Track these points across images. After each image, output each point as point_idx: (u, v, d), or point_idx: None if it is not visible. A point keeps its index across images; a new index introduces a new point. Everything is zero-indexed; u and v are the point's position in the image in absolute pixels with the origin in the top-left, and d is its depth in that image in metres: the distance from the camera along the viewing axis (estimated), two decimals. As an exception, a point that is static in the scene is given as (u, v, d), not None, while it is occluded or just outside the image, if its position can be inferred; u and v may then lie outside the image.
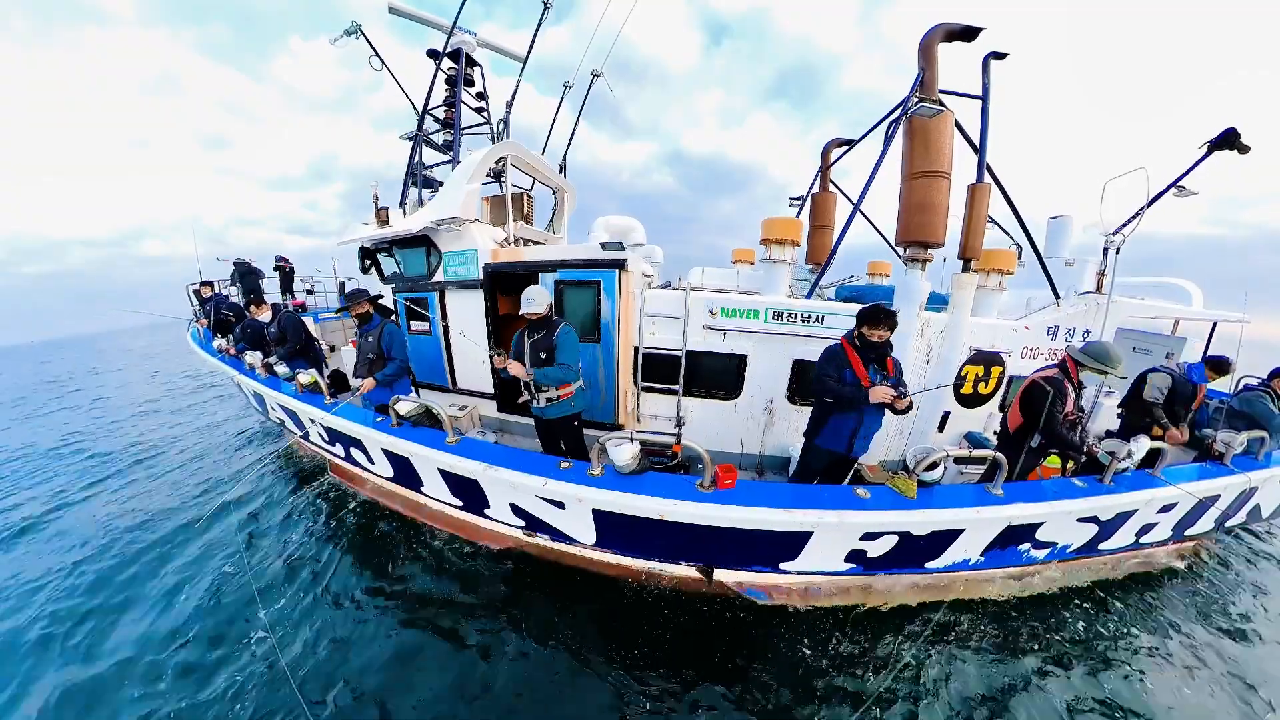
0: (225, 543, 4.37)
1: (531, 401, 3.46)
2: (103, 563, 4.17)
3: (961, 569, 3.14)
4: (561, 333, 3.33)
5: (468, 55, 5.90)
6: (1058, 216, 5.82)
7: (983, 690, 2.88)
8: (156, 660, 3.09)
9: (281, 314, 5.25)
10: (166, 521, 4.83)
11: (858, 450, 3.03)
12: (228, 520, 4.71)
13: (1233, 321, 4.87)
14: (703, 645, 3.11)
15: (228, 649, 3.14)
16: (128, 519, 4.96)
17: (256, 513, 4.94)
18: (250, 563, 4.00)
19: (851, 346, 2.91)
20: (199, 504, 5.25)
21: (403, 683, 2.87)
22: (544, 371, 3.28)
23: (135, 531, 4.68)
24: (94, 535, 4.66)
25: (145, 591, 3.76)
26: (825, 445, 3.08)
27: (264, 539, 4.46)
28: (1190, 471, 3.21)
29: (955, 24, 3.57)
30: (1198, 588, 3.94)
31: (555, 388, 3.37)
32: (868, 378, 2.84)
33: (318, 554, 4.15)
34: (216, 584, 3.77)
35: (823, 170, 6.09)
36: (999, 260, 4.80)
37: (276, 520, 4.76)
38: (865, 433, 3.00)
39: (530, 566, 3.78)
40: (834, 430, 3.01)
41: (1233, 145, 4.11)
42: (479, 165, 4.51)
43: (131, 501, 5.45)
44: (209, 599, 3.60)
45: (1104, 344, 2.96)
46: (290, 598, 3.59)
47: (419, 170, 5.59)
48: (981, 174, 3.74)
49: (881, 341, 2.82)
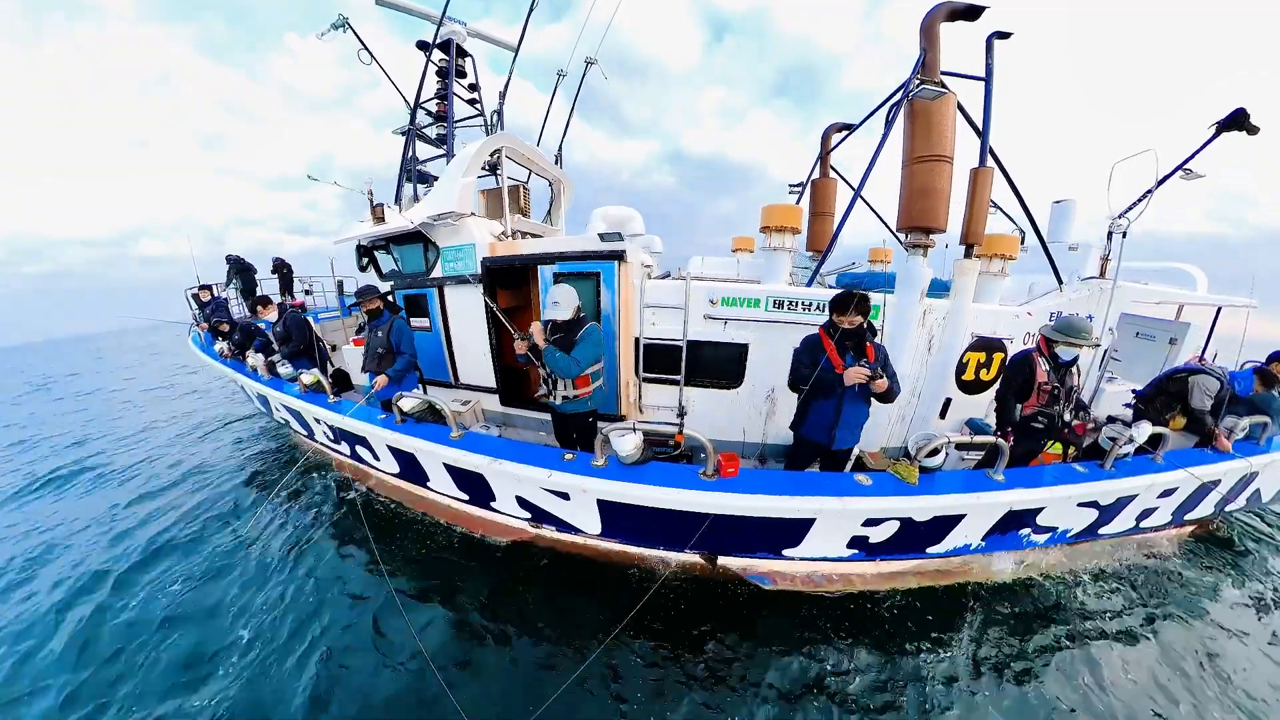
0: (227, 544, 4.44)
1: (549, 396, 3.39)
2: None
3: (963, 554, 3.17)
4: (588, 330, 3.25)
5: (458, 46, 5.80)
6: (1061, 201, 5.73)
7: (994, 675, 2.92)
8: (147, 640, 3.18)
9: (287, 313, 5.25)
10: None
11: (843, 441, 2.99)
12: (230, 528, 4.74)
13: (1239, 306, 4.82)
14: (707, 628, 3.16)
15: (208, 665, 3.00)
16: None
17: (265, 522, 4.98)
18: (252, 566, 4.00)
19: (827, 335, 2.89)
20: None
21: (414, 677, 2.93)
22: (554, 355, 3.12)
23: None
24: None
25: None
26: (808, 436, 3.08)
27: (269, 539, 4.51)
28: (1190, 457, 3.22)
29: (959, 3, 3.48)
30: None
31: (573, 385, 3.29)
32: (842, 364, 2.80)
33: (321, 547, 4.20)
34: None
35: (823, 155, 6.00)
36: (1002, 246, 4.74)
37: (282, 518, 4.82)
38: (848, 422, 2.95)
39: (537, 557, 3.84)
40: (813, 420, 3.01)
41: (1242, 126, 4.03)
42: (473, 158, 4.45)
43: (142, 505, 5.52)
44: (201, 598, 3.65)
45: (1071, 317, 3.02)
46: (289, 597, 3.65)
47: (413, 165, 5.53)
48: (984, 158, 3.68)
49: (853, 327, 2.77)
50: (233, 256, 8.68)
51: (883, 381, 2.70)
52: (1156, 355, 5.46)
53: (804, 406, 3.04)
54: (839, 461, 3.08)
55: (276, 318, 5.28)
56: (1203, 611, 3.47)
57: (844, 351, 2.83)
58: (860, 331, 2.80)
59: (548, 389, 3.36)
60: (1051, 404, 3.05)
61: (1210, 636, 3.23)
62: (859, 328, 2.78)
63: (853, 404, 2.91)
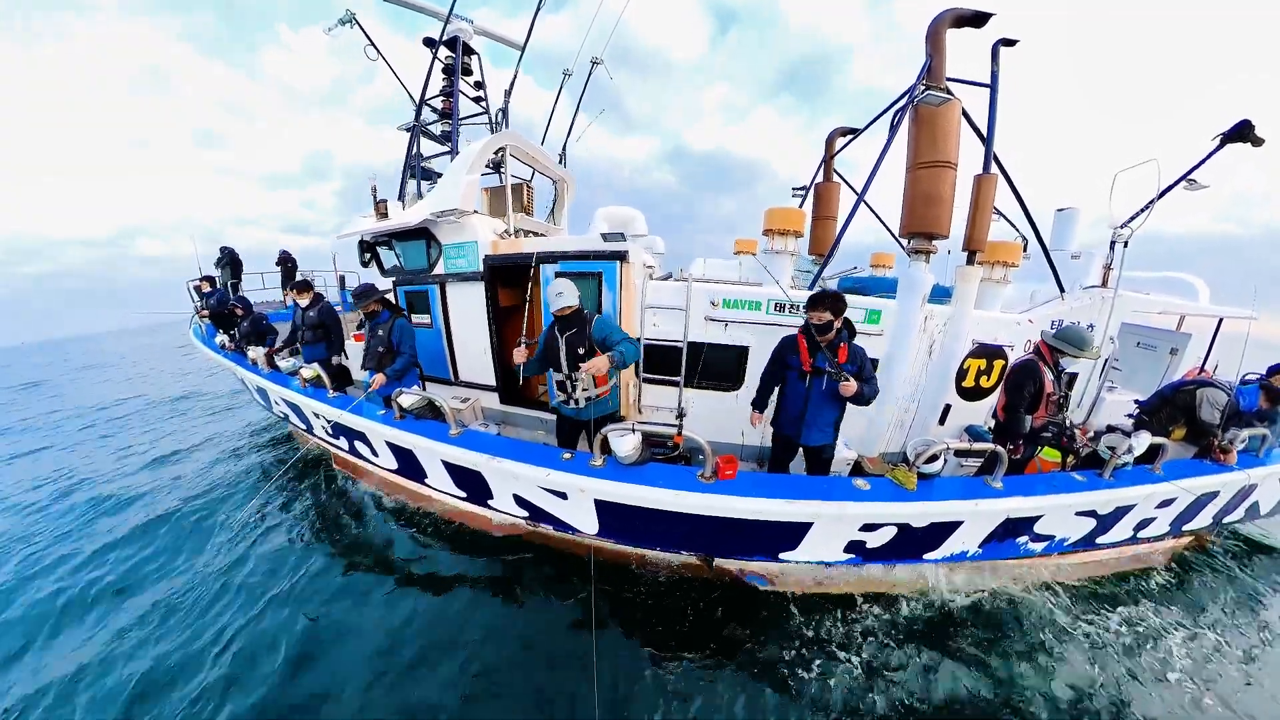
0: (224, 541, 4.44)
1: (568, 402, 3.20)
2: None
3: (960, 560, 3.17)
4: (604, 320, 3.17)
5: (465, 43, 5.80)
6: (1064, 209, 5.73)
7: (985, 677, 2.93)
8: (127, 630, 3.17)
9: (322, 303, 5.02)
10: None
11: (811, 438, 3.05)
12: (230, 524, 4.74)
13: (1240, 318, 4.82)
14: (704, 626, 3.16)
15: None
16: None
17: (262, 512, 4.97)
18: (250, 570, 3.98)
19: (802, 334, 2.94)
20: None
21: (407, 671, 2.93)
22: (623, 354, 2.93)
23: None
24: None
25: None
26: (778, 429, 3.18)
27: (267, 534, 4.51)
28: (1189, 467, 3.21)
29: (965, 9, 3.48)
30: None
31: (594, 383, 3.12)
32: (810, 362, 2.86)
33: (316, 544, 4.21)
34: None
35: (826, 160, 6.00)
36: (1004, 253, 4.74)
37: (279, 512, 4.82)
38: (817, 420, 2.99)
39: (532, 554, 3.83)
40: (782, 414, 3.13)
41: (1245, 138, 4.03)
42: (478, 156, 4.46)
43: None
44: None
45: (1076, 328, 3.01)
46: (288, 591, 3.65)
47: (417, 162, 5.53)
48: (988, 165, 3.68)
49: (821, 323, 2.78)
50: (227, 248, 8.80)
51: (850, 385, 2.70)
52: (1157, 365, 5.45)
53: (778, 401, 3.15)
54: (819, 460, 3.14)
55: (309, 304, 4.94)
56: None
57: (815, 350, 2.87)
58: (831, 329, 2.81)
59: (566, 394, 3.17)
60: (1058, 413, 3.05)
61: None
62: (828, 324, 2.78)
63: (819, 403, 2.95)
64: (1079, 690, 2.86)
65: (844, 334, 2.90)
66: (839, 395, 2.86)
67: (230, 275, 8.58)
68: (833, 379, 2.81)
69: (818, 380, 2.90)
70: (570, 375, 3.13)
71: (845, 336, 2.90)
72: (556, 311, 3.09)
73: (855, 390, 2.73)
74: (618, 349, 2.99)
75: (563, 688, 2.79)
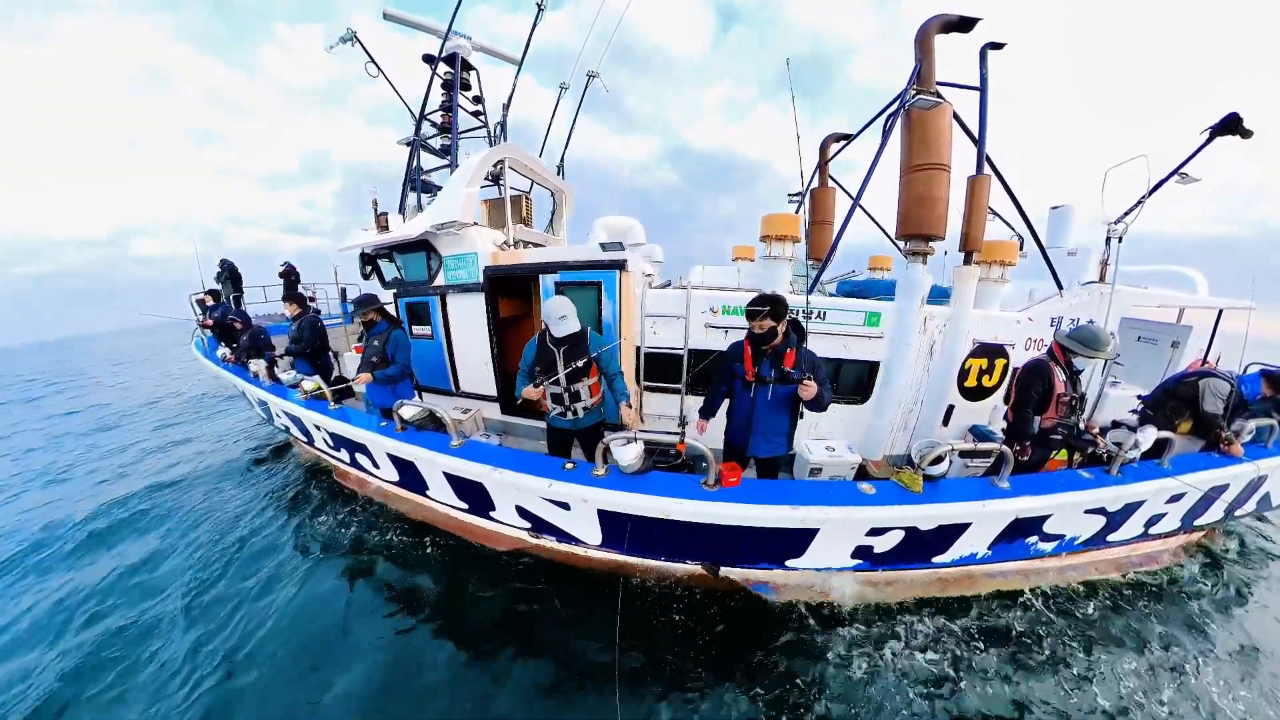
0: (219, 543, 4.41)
1: (564, 415, 3.24)
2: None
3: (969, 563, 3.13)
4: (596, 341, 3.16)
5: (463, 59, 5.90)
6: (1059, 206, 5.77)
7: (998, 687, 2.87)
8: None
9: (304, 316, 5.33)
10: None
11: (759, 449, 2.92)
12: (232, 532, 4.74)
13: (1239, 308, 4.82)
14: (711, 638, 3.11)
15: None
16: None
17: (260, 522, 4.96)
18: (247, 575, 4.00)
19: (749, 341, 2.84)
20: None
21: (407, 689, 2.88)
22: (622, 389, 3.13)
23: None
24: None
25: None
26: (730, 439, 3.09)
27: (263, 544, 4.48)
28: (1197, 461, 3.18)
29: (952, 15, 3.54)
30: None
31: (590, 394, 3.19)
32: (754, 371, 2.78)
33: (315, 554, 4.17)
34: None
35: (821, 165, 6.06)
36: (1001, 252, 4.76)
37: (275, 525, 4.79)
38: (765, 429, 2.86)
39: (536, 567, 3.79)
40: (730, 423, 3.07)
41: (1234, 130, 4.07)
42: (477, 168, 4.51)
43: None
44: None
45: (1092, 328, 2.90)
46: (288, 591, 3.61)
47: (417, 175, 5.59)
48: (981, 166, 3.72)
49: (762, 332, 2.66)
50: (227, 261, 8.94)
51: (810, 387, 2.56)
52: (1159, 359, 5.44)
53: (728, 410, 3.10)
54: (771, 474, 3.05)
55: (295, 316, 5.35)
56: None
57: (760, 358, 2.78)
58: (775, 335, 2.69)
59: (563, 406, 3.19)
60: (1070, 414, 2.99)
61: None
62: (771, 331, 2.67)
63: (766, 412, 2.82)
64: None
65: (792, 338, 2.75)
66: (788, 403, 2.78)
67: (231, 288, 8.68)
68: (781, 385, 2.71)
69: (763, 389, 2.77)
70: (568, 389, 3.12)
71: (794, 341, 2.75)
72: (561, 336, 3.03)
73: (815, 393, 2.57)
74: (617, 382, 3.14)
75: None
